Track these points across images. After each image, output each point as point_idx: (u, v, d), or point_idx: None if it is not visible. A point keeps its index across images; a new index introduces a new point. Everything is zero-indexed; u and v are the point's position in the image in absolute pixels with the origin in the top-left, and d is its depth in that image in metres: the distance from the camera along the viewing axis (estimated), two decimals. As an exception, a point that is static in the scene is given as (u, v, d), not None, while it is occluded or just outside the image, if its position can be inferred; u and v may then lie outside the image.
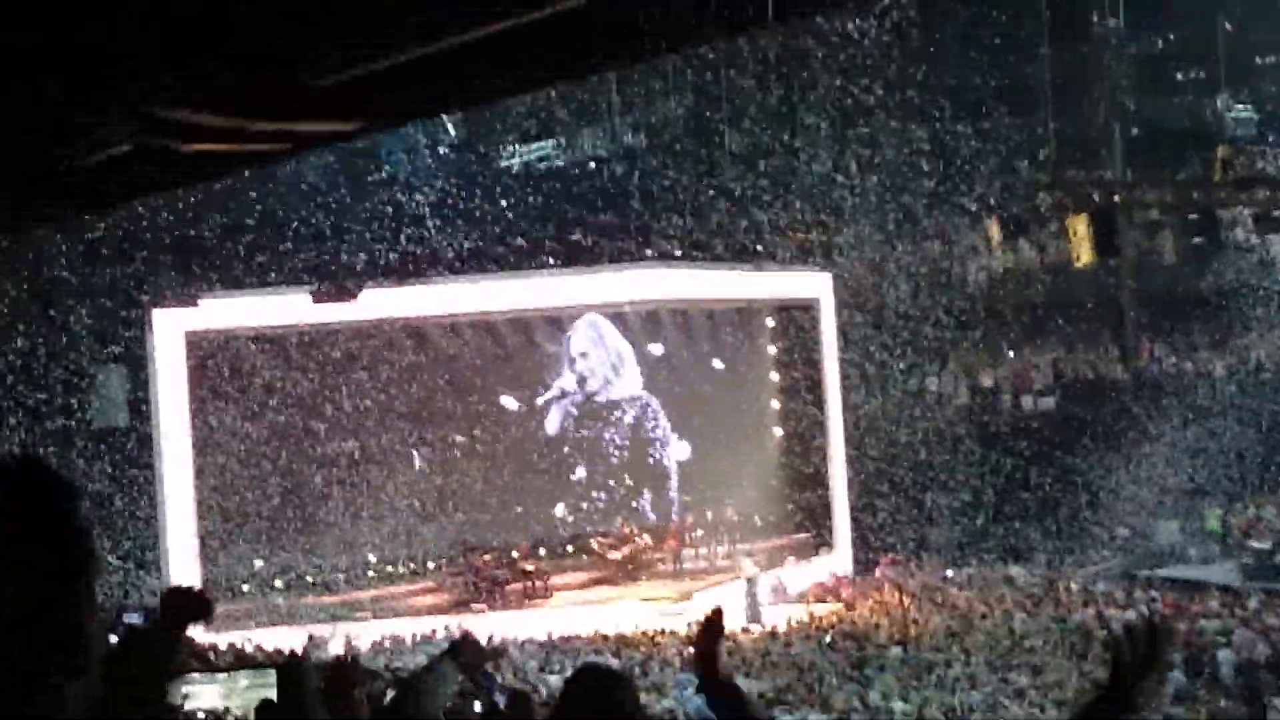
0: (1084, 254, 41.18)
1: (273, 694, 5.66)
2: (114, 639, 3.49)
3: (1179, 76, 49.53)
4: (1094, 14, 46.98)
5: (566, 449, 40.84)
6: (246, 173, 29.49)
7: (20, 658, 2.04)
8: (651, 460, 41.13)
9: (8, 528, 2.08)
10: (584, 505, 40.64)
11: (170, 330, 35.97)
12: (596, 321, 40.31)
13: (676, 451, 41.13)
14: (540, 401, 40.45)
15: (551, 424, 40.66)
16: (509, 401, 40.00)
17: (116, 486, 37.43)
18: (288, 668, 5.68)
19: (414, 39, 6.56)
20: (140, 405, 38.29)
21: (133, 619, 21.69)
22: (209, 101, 6.89)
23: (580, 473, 40.79)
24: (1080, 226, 41.40)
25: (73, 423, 39.90)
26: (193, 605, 3.65)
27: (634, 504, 40.74)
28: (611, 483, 40.78)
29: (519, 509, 39.91)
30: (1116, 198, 45.46)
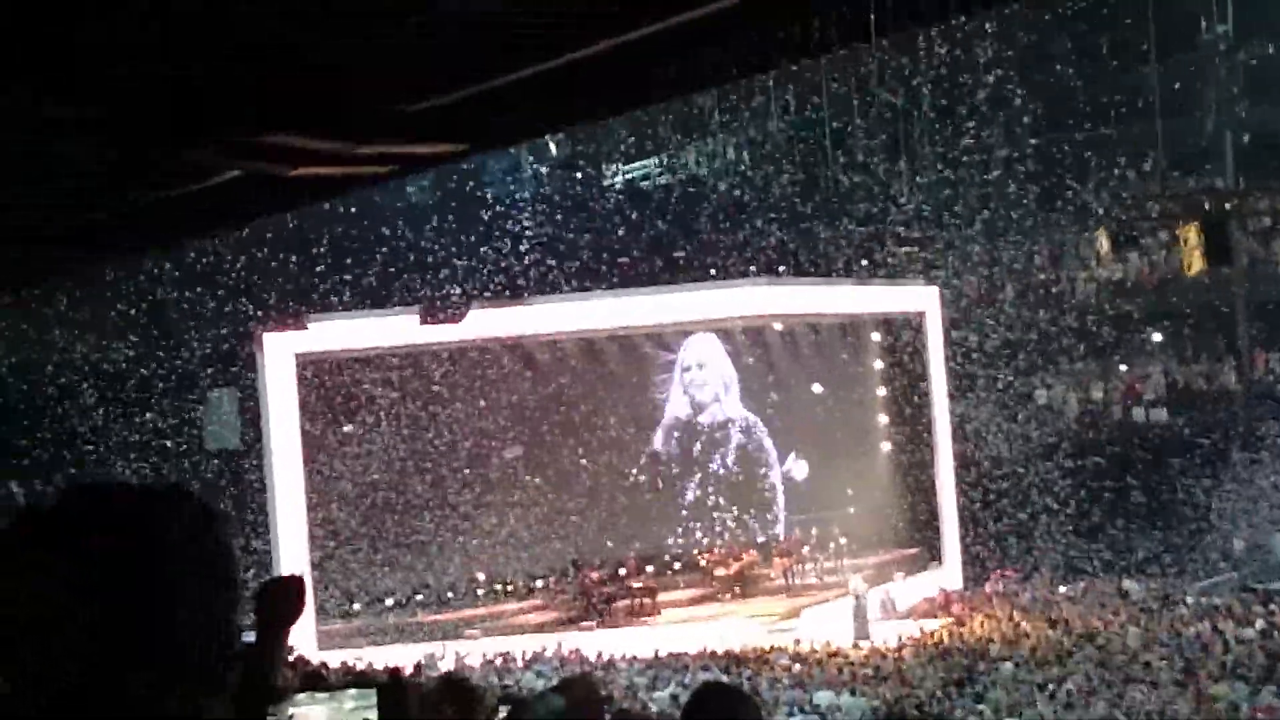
0: (1195, 263, 40.71)
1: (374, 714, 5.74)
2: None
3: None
4: (1202, 21, 46.40)
5: (675, 468, 40.92)
6: (353, 196, 29.80)
7: (166, 672, 2.10)
8: (759, 478, 41.09)
9: (162, 549, 2.13)
10: (692, 522, 40.66)
11: (281, 353, 36.36)
12: (707, 342, 40.37)
13: (786, 469, 41.05)
14: (659, 429, 40.68)
15: (659, 443, 40.76)
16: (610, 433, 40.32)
17: (231, 509, 37.86)
18: (388, 687, 5.72)
19: (516, 62, 6.62)
20: (253, 428, 38.72)
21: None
22: (315, 127, 6.98)
23: (688, 490, 40.83)
24: (1191, 235, 40.95)
25: (187, 446, 40.44)
26: (289, 592, 3.67)
27: (742, 520, 40.70)
28: (720, 499, 40.77)
29: (626, 526, 40.01)
30: (1228, 206, 44.84)
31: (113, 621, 2.08)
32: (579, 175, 50.11)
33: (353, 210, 40.90)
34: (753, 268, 42.64)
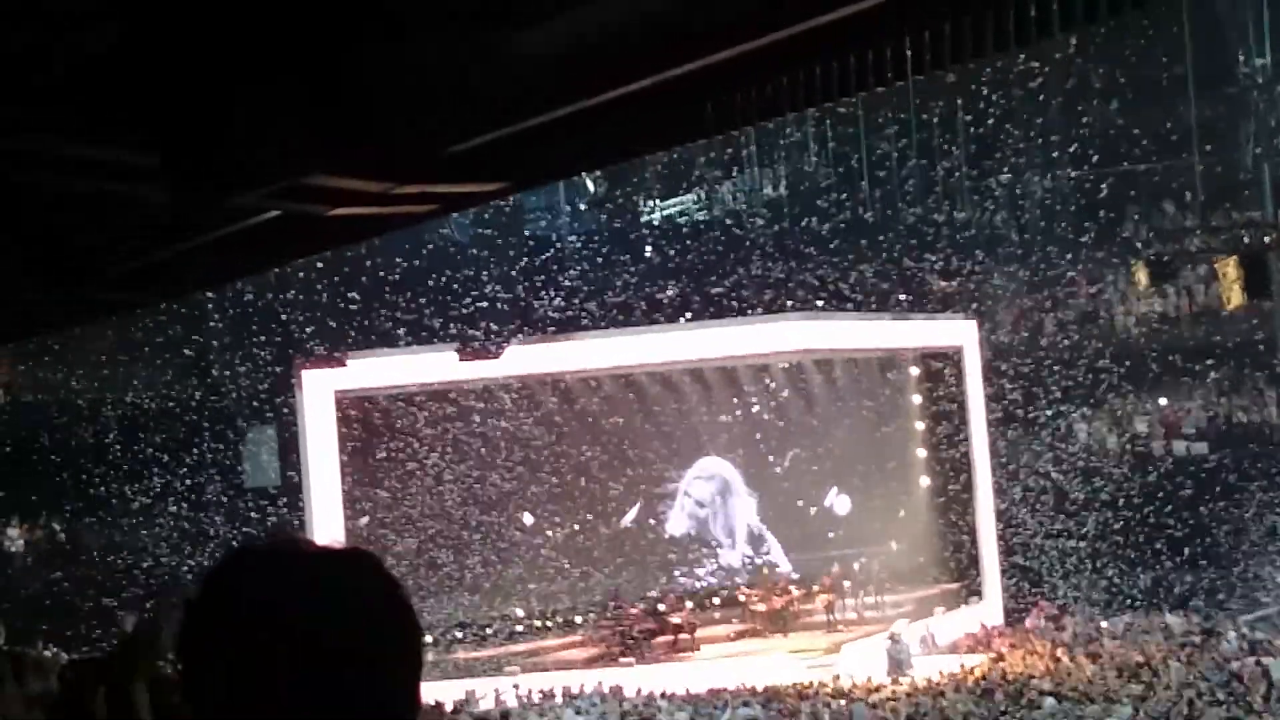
0: (1234, 297, 40.53)
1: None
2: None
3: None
4: (1240, 55, 46.32)
5: (708, 504, 40.92)
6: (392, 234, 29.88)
7: None
8: (799, 511, 41.01)
9: (362, 610, 2.14)
10: (730, 558, 40.63)
11: (320, 390, 36.50)
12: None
13: (828, 504, 40.93)
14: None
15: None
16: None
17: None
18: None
19: (555, 100, 6.67)
20: (292, 465, 38.84)
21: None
22: (359, 168, 7.04)
23: (724, 526, 40.81)
24: (1230, 269, 40.77)
25: (227, 484, 40.57)
26: None
27: (781, 556, 40.64)
28: (757, 536, 40.72)
29: (664, 561, 40.00)
30: (1267, 239, 44.63)
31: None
32: (616, 212, 50.16)
33: (391, 247, 41.01)
34: (791, 302, 42.62)
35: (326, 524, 35.87)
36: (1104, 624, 37.72)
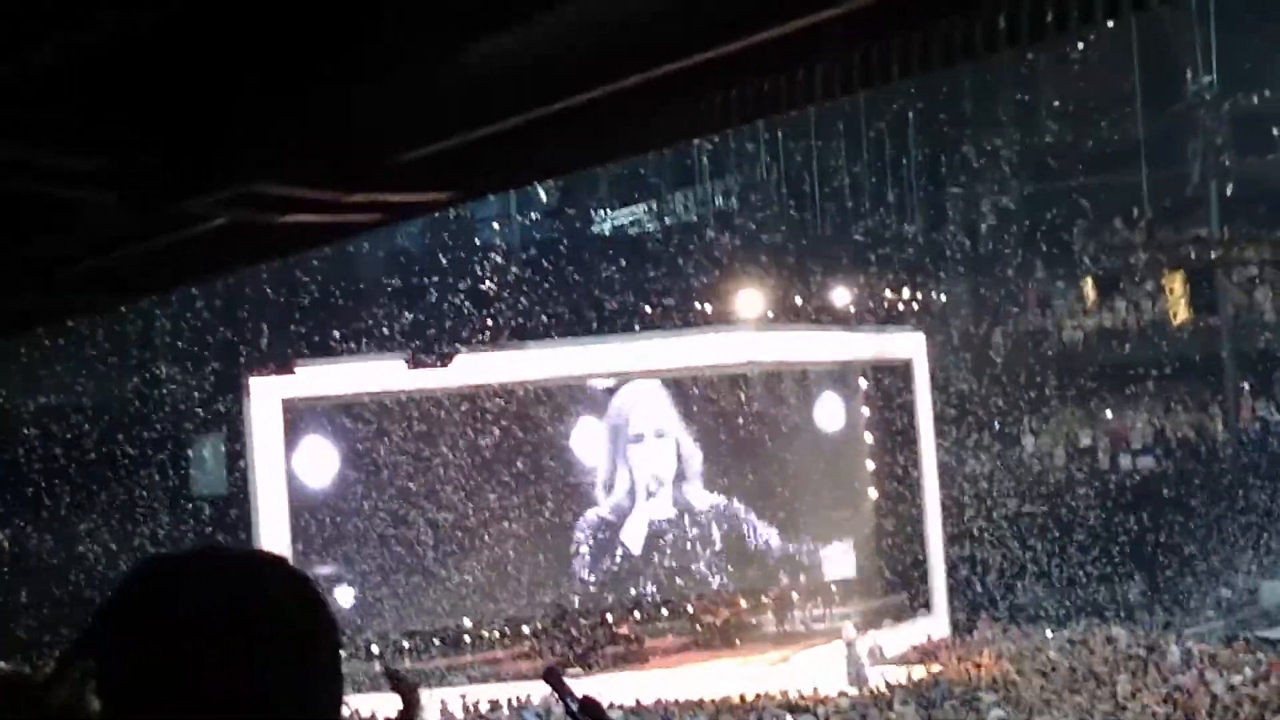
0: (1180, 312, 40.83)
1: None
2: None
3: (1276, 132, 48.88)
4: (1187, 72, 46.61)
5: (659, 515, 40.82)
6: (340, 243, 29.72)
7: None
8: (744, 525, 40.98)
9: (267, 619, 2.12)
10: (679, 568, 40.58)
11: (267, 398, 36.32)
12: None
13: (773, 516, 40.91)
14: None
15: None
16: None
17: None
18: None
19: (507, 109, 6.63)
20: (239, 473, 38.57)
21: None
22: (308, 176, 6.98)
23: (672, 537, 40.74)
24: (1176, 284, 41.08)
25: (174, 492, 40.24)
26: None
27: (728, 568, 40.60)
28: (705, 548, 40.66)
29: (612, 572, 39.91)
30: (1213, 255, 44.98)
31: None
32: (568, 221, 50.11)
33: (341, 255, 40.81)
34: (741, 313, 42.62)
35: (273, 532, 35.70)
36: (1050, 635, 37.87)
